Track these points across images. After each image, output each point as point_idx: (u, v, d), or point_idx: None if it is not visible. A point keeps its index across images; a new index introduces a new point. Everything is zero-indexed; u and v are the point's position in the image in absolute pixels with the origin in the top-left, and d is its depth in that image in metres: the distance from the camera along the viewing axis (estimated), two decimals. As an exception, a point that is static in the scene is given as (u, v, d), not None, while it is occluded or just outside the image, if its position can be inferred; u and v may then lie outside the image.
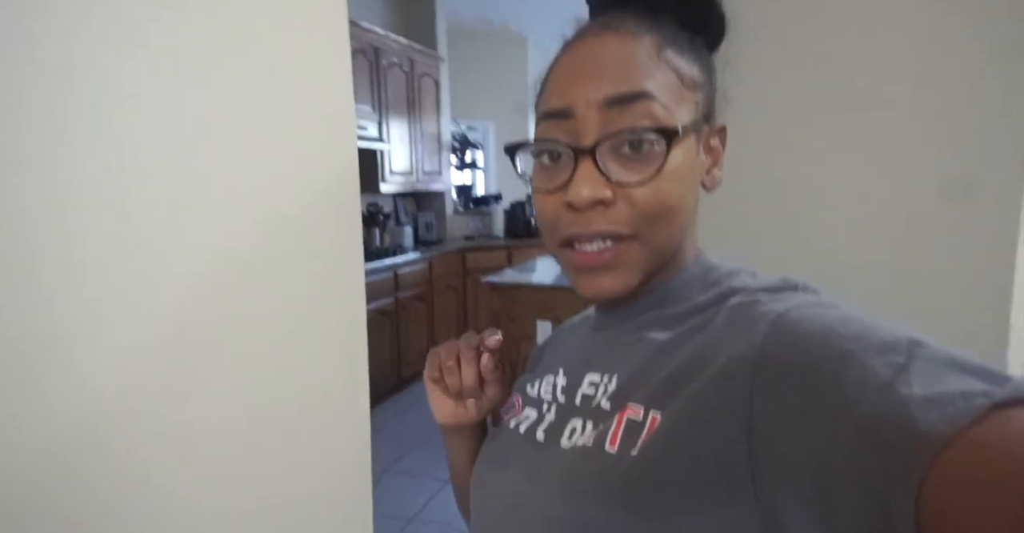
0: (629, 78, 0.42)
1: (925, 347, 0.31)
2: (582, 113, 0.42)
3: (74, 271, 0.54)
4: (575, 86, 0.43)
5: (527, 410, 0.52)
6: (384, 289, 3.44)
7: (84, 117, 0.54)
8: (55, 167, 0.52)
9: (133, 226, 0.58)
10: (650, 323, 0.46)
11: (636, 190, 0.42)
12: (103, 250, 0.56)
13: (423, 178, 4.14)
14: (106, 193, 0.56)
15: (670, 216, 0.43)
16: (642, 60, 0.42)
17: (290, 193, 0.74)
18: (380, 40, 3.51)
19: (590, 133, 0.42)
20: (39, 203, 0.51)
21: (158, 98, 0.60)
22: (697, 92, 0.45)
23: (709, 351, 0.39)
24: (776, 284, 0.43)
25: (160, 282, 0.60)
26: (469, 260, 4.36)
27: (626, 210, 0.42)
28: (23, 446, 0.51)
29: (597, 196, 0.41)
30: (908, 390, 0.29)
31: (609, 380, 0.45)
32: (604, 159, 0.42)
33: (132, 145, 0.57)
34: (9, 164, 0.49)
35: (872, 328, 0.34)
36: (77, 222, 0.54)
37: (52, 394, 0.52)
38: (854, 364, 0.31)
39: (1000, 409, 0.27)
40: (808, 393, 0.33)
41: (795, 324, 0.36)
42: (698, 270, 0.48)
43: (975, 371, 0.30)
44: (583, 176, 0.42)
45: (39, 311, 0.51)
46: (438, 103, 4.28)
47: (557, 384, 0.51)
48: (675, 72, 0.43)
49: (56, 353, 0.53)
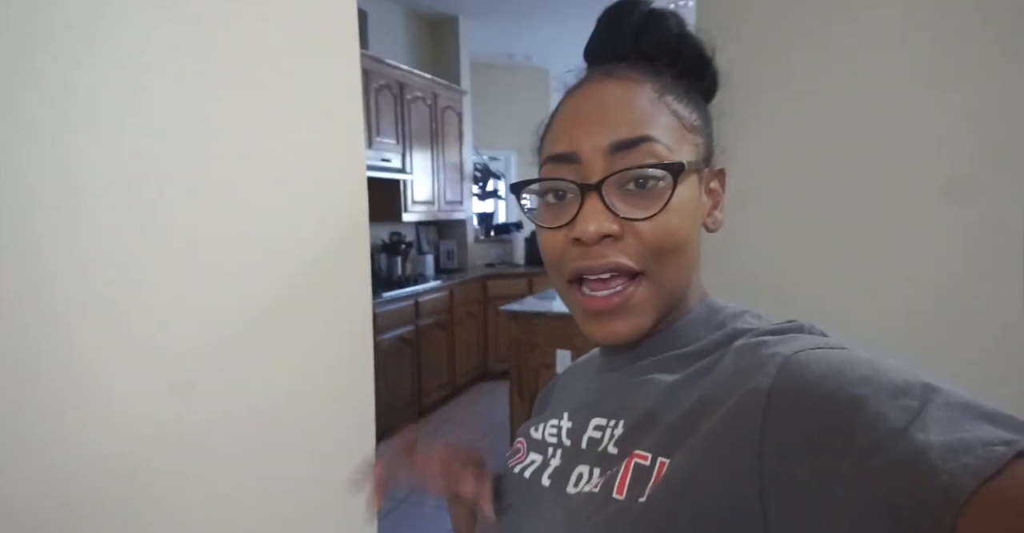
0: (632, 123, 0.43)
1: (939, 392, 0.31)
2: (588, 158, 0.43)
3: (79, 318, 0.54)
4: (580, 132, 0.44)
5: (531, 455, 0.51)
6: (405, 317, 3.46)
7: (91, 142, 0.56)
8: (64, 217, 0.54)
9: (137, 271, 0.58)
10: (656, 365, 0.46)
11: (643, 225, 0.42)
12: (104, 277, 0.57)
13: (445, 207, 4.20)
14: (108, 228, 0.57)
15: (677, 252, 0.43)
16: (644, 105, 0.43)
17: (297, 230, 0.74)
18: (405, 76, 3.62)
19: (596, 173, 0.43)
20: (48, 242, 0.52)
21: (164, 135, 0.61)
22: (697, 135, 0.46)
23: (716, 395, 0.38)
24: (782, 326, 0.43)
25: (167, 323, 0.61)
26: (490, 288, 4.37)
27: (634, 244, 0.42)
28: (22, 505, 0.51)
29: (604, 230, 0.42)
30: (924, 436, 0.28)
31: (616, 424, 0.45)
32: (610, 196, 0.42)
33: (145, 185, 0.58)
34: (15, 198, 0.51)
35: (883, 370, 0.33)
36: (82, 267, 0.54)
37: (54, 453, 0.53)
38: (867, 409, 0.31)
39: (1022, 458, 0.26)
40: (820, 440, 0.32)
41: (803, 367, 0.35)
42: (703, 311, 0.48)
43: (993, 417, 0.29)
44: (590, 211, 0.42)
45: (38, 377, 0.52)
46: (460, 134, 4.37)
47: (562, 427, 0.50)
48: (675, 116, 0.44)
49: (57, 410, 0.52)
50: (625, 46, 0.47)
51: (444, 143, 4.13)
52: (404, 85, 3.62)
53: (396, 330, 3.36)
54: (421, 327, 3.60)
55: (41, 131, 0.51)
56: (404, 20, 4.17)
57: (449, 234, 4.62)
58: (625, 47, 0.47)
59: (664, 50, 0.46)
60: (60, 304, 0.52)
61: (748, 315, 0.47)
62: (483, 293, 4.36)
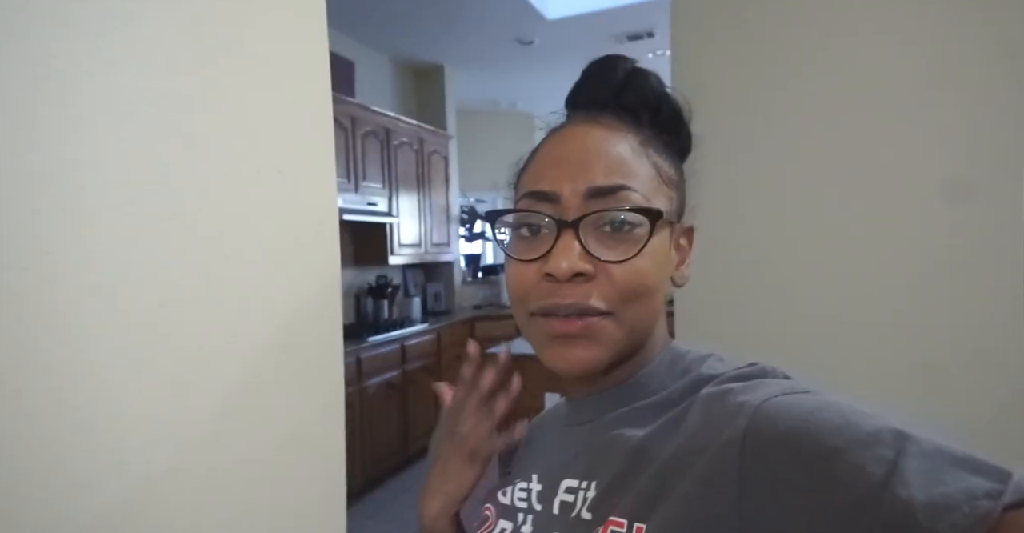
0: (612, 171, 0.43)
1: (910, 439, 0.31)
2: (567, 199, 0.43)
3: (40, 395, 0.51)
4: (561, 173, 0.44)
5: (501, 522, 0.50)
6: (391, 362, 3.40)
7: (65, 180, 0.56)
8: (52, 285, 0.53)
9: (104, 332, 0.55)
10: (623, 418, 0.46)
11: (616, 268, 0.42)
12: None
13: (432, 250, 4.21)
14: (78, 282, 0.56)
15: (647, 296, 0.44)
16: (625, 153, 0.44)
17: (268, 279, 0.72)
18: (391, 122, 3.70)
19: (573, 213, 0.43)
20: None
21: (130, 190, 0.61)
22: (672, 189, 0.47)
23: (688, 451, 0.38)
24: (745, 370, 0.43)
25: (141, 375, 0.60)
26: (478, 329, 4.34)
27: (605, 286, 0.42)
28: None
29: (577, 268, 0.41)
30: (907, 492, 0.28)
31: (587, 486, 0.44)
32: (586, 236, 0.42)
33: (120, 236, 0.56)
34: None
35: (851, 417, 0.33)
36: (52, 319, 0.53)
37: (43, 502, 0.51)
38: (843, 462, 0.31)
39: (1010, 510, 0.27)
40: (800, 498, 0.32)
41: (774, 418, 0.35)
42: (667, 357, 0.48)
43: (967, 464, 0.30)
44: (564, 247, 0.42)
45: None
46: (447, 177, 4.44)
47: (532, 490, 0.49)
48: (655, 167, 0.45)
49: (24, 471, 0.50)
50: (607, 99, 0.48)
51: (431, 186, 4.19)
52: (390, 131, 3.69)
53: (382, 375, 3.30)
54: (408, 371, 3.54)
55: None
56: (391, 69, 4.29)
57: (436, 276, 4.61)
58: (607, 100, 0.48)
59: (644, 106, 0.48)
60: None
61: (712, 359, 0.47)
62: (471, 335, 4.31)
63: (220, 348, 0.66)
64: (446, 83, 4.53)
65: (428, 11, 3.42)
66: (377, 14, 3.44)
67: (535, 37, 3.80)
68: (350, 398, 3.03)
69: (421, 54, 4.21)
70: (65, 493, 0.52)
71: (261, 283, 0.71)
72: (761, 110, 1.17)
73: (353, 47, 3.77)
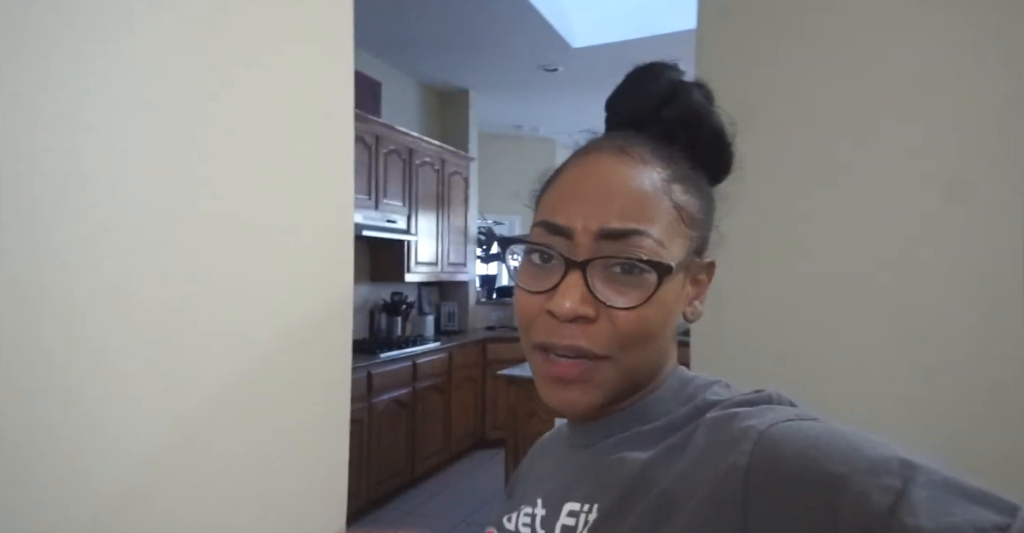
0: (627, 214, 0.42)
1: (918, 468, 0.31)
2: (579, 237, 0.42)
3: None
4: (577, 209, 0.43)
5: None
6: (402, 379, 3.39)
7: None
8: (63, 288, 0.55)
9: (114, 339, 0.56)
10: (627, 441, 0.45)
11: (620, 314, 0.41)
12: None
13: (448, 269, 4.23)
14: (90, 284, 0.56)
15: (647, 343, 0.43)
16: (646, 193, 0.43)
17: (281, 296, 0.72)
18: (414, 142, 3.76)
19: (583, 253, 0.42)
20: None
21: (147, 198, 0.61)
22: (694, 229, 0.45)
23: (690, 476, 0.38)
24: (751, 396, 0.42)
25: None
26: (490, 351, 4.32)
27: (606, 330, 0.42)
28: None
29: (579, 312, 0.41)
30: (915, 521, 0.28)
31: (590, 509, 0.43)
32: (594, 277, 0.42)
33: (120, 255, 0.57)
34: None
35: (858, 445, 0.33)
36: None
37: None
38: (849, 489, 0.31)
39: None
40: (805, 526, 0.32)
41: (779, 443, 0.35)
42: (674, 384, 0.47)
43: (978, 497, 0.29)
44: (570, 287, 0.41)
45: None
46: (466, 199, 4.48)
47: (536, 515, 0.48)
48: (676, 208, 0.43)
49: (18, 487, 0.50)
50: (647, 114, 0.46)
51: (450, 206, 4.23)
52: (413, 150, 3.76)
53: (392, 392, 3.29)
54: (418, 389, 3.53)
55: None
56: (417, 92, 4.39)
57: (451, 295, 4.62)
58: (647, 115, 0.46)
59: (684, 125, 0.46)
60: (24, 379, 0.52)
61: (717, 386, 0.46)
62: (482, 356, 4.30)
63: (225, 353, 0.67)
64: (470, 106, 4.61)
65: (455, 37, 3.51)
66: (406, 38, 3.54)
67: (560, 65, 3.87)
68: (358, 414, 3.02)
69: (447, 78, 4.30)
70: (72, 488, 0.53)
71: (272, 291, 0.72)
72: (778, 145, 1.19)
73: (381, 68, 3.86)
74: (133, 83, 0.58)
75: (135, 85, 0.58)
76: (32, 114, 0.51)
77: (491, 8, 3.10)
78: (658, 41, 3.43)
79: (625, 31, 3.42)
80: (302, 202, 0.76)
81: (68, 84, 0.53)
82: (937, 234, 1.04)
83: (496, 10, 3.12)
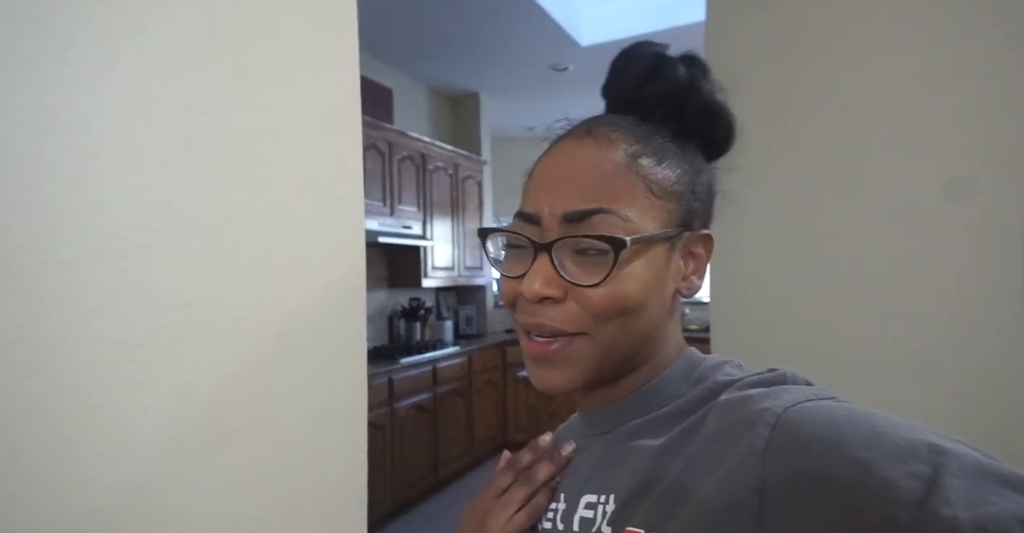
0: (589, 195, 0.43)
1: (948, 454, 0.29)
2: (546, 222, 0.44)
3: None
4: (543, 196, 0.45)
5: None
6: (423, 384, 3.40)
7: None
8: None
9: (130, 333, 0.56)
10: (639, 429, 0.45)
11: (588, 291, 0.42)
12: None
13: (465, 273, 4.24)
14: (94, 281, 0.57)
15: (625, 317, 0.43)
16: (609, 171, 0.43)
17: (293, 296, 0.72)
18: (427, 147, 3.78)
19: (550, 236, 0.44)
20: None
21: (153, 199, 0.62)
22: (670, 201, 0.44)
23: (706, 460, 0.37)
24: (765, 377, 0.41)
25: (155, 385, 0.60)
26: (509, 354, 4.32)
27: (575, 309, 0.43)
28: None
29: (544, 293, 0.42)
30: (950, 511, 0.26)
31: (606, 500, 0.43)
32: (562, 257, 0.43)
33: (130, 251, 0.57)
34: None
35: (883, 428, 0.31)
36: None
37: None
38: (875, 477, 0.29)
39: None
40: (827, 514, 0.30)
41: (798, 427, 0.33)
42: (682, 365, 0.47)
43: (1013, 482, 0.27)
44: (537, 270, 0.43)
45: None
46: (480, 202, 4.49)
47: (558, 510, 0.48)
48: (645, 182, 0.43)
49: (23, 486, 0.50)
50: (632, 94, 0.47)
51: (464, 211, 4.24)
52: (426, 156, 3.77)
53: (413, 397, 3.30)
54: (439, 394, 3.53)
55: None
56: (427, 97, 4.41)
57: (468, 300, 4.63)
58: (632, 96, 0.47)
59: (669, 102, 0.46)
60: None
61: (728, 366, 0.45)
62: (502, 359, 4.29)
63: (234, 357, 0.67)
64: (481, 110, 4.62)
65: (464, 41, 3.51)
66: (415, 44, 3.55)
67: (569, 64, 3.86)
68: (381, 419, 3.04)
69: (457, 82, 4.31)
70: (76, 489, 0.53)
71: (283, 296, 0.72)
72: (792, 131, 1.18)
73: (392, 75, 3.89)
74: (143, 89, 0.59)
75: (145, 90, 0.59)
76: (51, 116, 0.52)
77: (498, 9, 3.10)
78: (667, 35, 3.39)
79: (634, 27, 3.39)
80: (313, 205, 0.76)
81: (83, 88, 0.54)
82: (943, 232, 1.04)
83: (503, 11, 3.12)
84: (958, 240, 1.01)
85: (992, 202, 0.98)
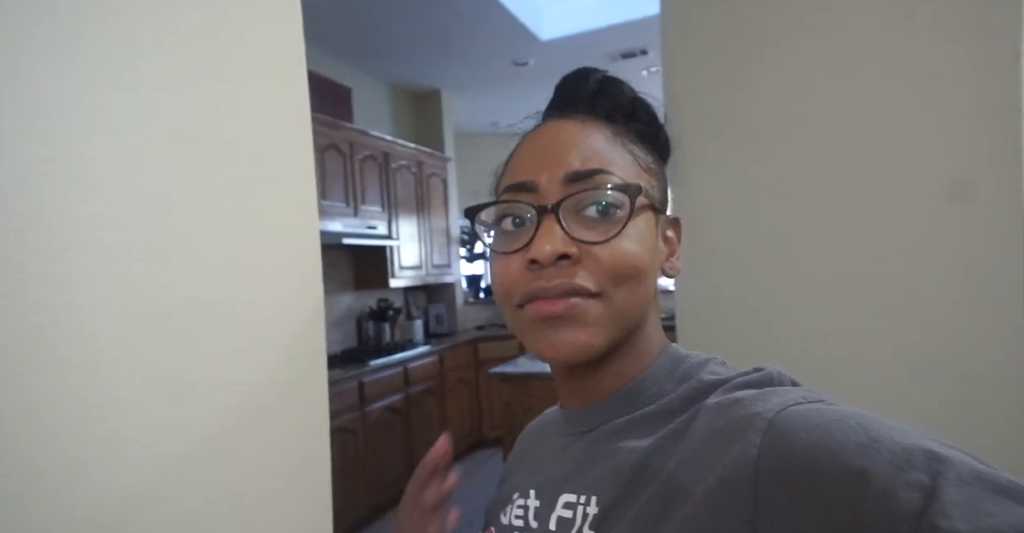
0: (588, 158, 0.43)
1: (946, 462, 0.28)
2: (545, 187, 0.43)
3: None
4: (538, 165, 0.44)
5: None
6: (394, 385, 3.37)
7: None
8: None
9: (93, 351, 0.54)
10: (623, 429, 0.44)
11: (600, 248, 0.41)
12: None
13: (433, 271, 4.20)
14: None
15: (635, 278, 0.42)
16: (600, 143, 0.45)
17: (246, 307, 0.70)
18: (389, 146, 3.72)
19: (554, 198, 0.43)
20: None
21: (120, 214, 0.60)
22: (652, 177, 0.47)
23: (696, 464, 0.36)
24: (751, 377, 0.41)
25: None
26: (481, 351, 4.31)
27: (591, 267, 0.41)
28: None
29: (560, 250, 0.41)
30: (950, 524, 0.26)
31: (587, 501, 0.42)
32: (568, 220, 0.42)
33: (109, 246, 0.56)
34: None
35: (877, 434, 0.31)
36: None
37: None
38: (872, 487, 0.28)
39: None
40: (822, 526, 0.29)
41: (790, 433, 0.33)
42: (666, 362, 0.46)
43: (1012, 491, 0.27)
44: (546, 232, 0.41)
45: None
46: (446, 199, 4.45)
47: (530, 507, 0.47)
48: (631, 155, 0.46)
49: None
50: (582, 108, 0.48)
51: (430, 208, 4.20)
52: (389, 155, 3.72)
53: (385, 399, 3.26)
54: (411, 395, 3.50)
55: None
56: (388, 95, 4.34)
57: (438, 298, 4.59)
58: (582, 109, 0.48)
59: (619, 111, 0.48)
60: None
61: (712, 364, 0.45)
62: (474, 357, 4.28)
63: (180, 371, 0.64)
64: (443, 106, 4.58)
65: (423, 37, 3.47)
66: (374, 42, 3.49)
67: (530, 58, 3.85)
68: (352, 424, 2.99)
69: (418, 79, 4.26)
70: (70, 494, 0.51)
71: (239, 303, 0.70)
72: (753, 120, 1.18)
73: (351, 74, 3.81)
74: (92, 85, 0.56)
75: (93, 86, 0.56)
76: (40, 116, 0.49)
77: (457, 6, 3.07)
78: (625, 29, 3.43)
79: (592, 21, 3.41)
80: (264, 210, 0.74)
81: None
82: (938, 232, 1.04)
83: (462, 7, 3.09)
84: (957, 238, 1.02)
85: (980, 201, 0.99)
